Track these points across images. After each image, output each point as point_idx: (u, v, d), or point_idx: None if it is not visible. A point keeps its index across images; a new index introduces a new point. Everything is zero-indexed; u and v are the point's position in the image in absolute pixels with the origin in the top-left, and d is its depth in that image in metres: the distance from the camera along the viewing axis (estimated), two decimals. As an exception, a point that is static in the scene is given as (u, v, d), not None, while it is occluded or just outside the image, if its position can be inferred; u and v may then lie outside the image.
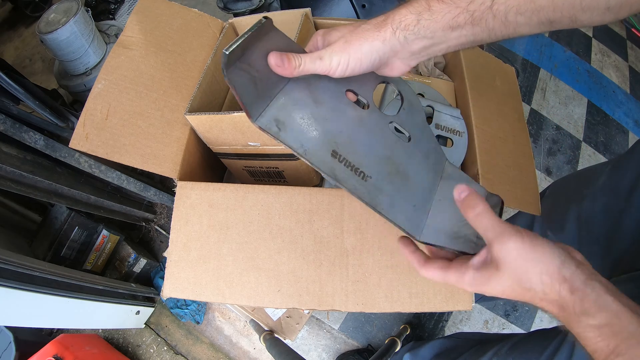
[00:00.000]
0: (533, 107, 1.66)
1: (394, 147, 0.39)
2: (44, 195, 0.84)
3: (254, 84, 0.33)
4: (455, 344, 0.82)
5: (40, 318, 0.78)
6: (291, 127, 0.34)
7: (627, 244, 0.52)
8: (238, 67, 0.32)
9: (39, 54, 1.63)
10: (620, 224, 0.54)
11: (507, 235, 0.29)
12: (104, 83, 0.56)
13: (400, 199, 0.37)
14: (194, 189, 0.52)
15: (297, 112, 0.35)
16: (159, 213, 1.28)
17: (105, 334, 1.14)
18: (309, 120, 0.35)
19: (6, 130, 0.75)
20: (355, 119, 0.38)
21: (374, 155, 0.37)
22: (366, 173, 0.36)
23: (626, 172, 0.54)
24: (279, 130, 0.34)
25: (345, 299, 0.49)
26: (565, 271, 0.28)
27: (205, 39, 0.64)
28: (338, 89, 0.38)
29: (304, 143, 0.34)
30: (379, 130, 0.39)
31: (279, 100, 0.34)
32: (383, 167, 0.37)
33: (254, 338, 1.14)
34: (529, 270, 0.29)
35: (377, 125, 0.39)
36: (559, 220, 0.66)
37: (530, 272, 0.29)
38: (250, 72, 0.32)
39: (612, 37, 2.04)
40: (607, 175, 0.59)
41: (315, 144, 0.35)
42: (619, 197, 0.54)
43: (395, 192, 0.37)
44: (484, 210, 0.31)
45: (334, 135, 0.36)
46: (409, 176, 0.38)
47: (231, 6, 1.12)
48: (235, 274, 0.50)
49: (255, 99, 0.33)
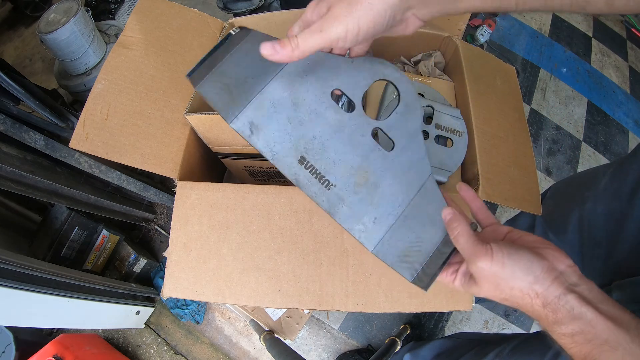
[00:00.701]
0: (533, 107, 1.66)
1: (370, 156, 0.37)
2: (44, 195, 0.84)
3: (229, 91, 0.34)
4: (455, 344, 0.81)
5: (40, 318, 0.78)
6: (264, 131, 0.35)
7: (629, 247, 0.52)
8: (209, 80, 0.33)
9: (39, 54, 1.63)
10: (622, 227, 0.53)
11: (478, 256, 0.32)
12: (104, 83, 0.56)
13: (361, 211, 0.37)
14: (194, 189, 0.52)
15: (273, 115, 0.35)
16: (159, 213, 1.28)
17: (105, 334, 1.14)
18: (284, 124, 0.35)
19: (6, 130, 0.75)
20: (334, 123, 0.37)
21: (345, 163, 0.37)
22: (331, 181, 0.36)
23: (628, 175, 0.54)
24: (252, 133, 0.35)
25: (345, 299, 0.49)
26: (538, 287, 0.30)
27: (205, 39, 0.64)
28: (323, 88, 0.36)
29: (273, 148, 0.35)
30: (358, 136, 0.37)
31: (255, 103, 0.35)
32: (351, 177, 0.37)
33: (254, 338, 1.14)
34: (501, 285, 0.32)
35: (358, 131, 0.37)
36: (560, 222, 0.66)
37: (502, 286, 0.32)
38: (222, 81, 0.34)
39: (612, 37, 2.04)
40: (609, 177, 0.59)
41: (284, 149, 0.35)
42: (621, 200, 0.54)
43: (357, 203, 0.37)
44: (462, 232, 0.34)
45: (307, 141, 0.36)
46: (378, 188, 0.37)
47: (231, 6, 1.12)
48: (235, 273, 0.50)
49: (230, 104, 0.34)
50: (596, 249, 0.59)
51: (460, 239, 0.34)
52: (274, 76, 0.35)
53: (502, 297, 0.32)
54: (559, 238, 0.66)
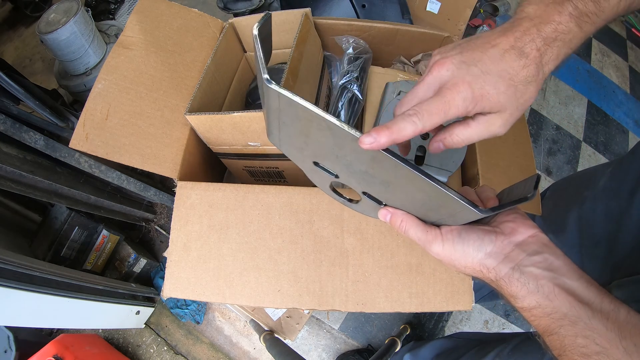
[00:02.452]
0: (533, 107, 1.66)
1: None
2: (44, 195, 0.84)
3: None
4: (455, 344, 0.81)
5: (40, 318, 0.78)
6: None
7: (628, 247, 0.52)
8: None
9: (39, 54, 1.63)
10: (621, 226, 0.53)
11: (430, 242, 0.34)
12: (104, 83, 0.56)
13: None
14: (194, 189, 0.52)
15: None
16: (159, 213, 1.28)
17: (105, 334, 1.14)
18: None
19: (6, 130, 0.75)
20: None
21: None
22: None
23: (627, 174, 0.54)
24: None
25: (345, 299, 0.49)
26: (490, 263, 0.31)
27: (205, 39, 0.64)
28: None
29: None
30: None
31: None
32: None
33: (254, 338, 1.14)
34: (456, 264, 0.33)
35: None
36: (559, 221, 0.66)
37: (458, 265, 0.33)
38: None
39: (612, 37, 2.04)
40: (608, 177, 0.59)
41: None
42: (621, 199, 0.54)
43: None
44: (408, 224, 0.35)
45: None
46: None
47: (231, 6, 1.12)
48: (236, 273, 0.50)
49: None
50: (595, 248, 0.58)
51: (409, 231, 0.35)
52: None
53: (463, 272, 0.34)
54: (558, 238, 0.66)
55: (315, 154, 0.35)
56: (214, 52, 0.60)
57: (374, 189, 0.35)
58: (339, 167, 0.35)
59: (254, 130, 0.52)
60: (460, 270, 0.34)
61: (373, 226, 0.50)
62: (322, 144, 0.32)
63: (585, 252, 0.60)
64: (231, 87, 0.68)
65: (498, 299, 0.95)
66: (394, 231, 0.49)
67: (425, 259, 0.50)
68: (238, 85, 0.70)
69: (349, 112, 0.58)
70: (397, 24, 0.68)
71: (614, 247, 0.55)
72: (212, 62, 0.59)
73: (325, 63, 0.70)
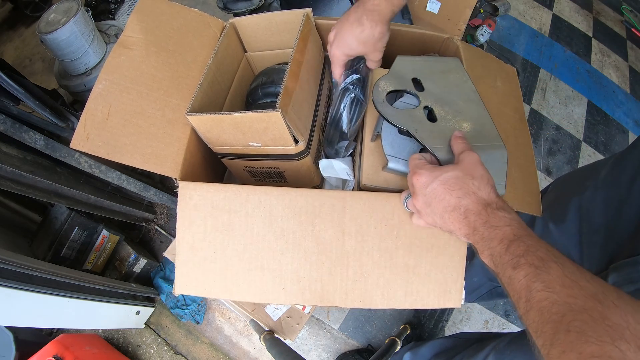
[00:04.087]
0: (533, 107, 1.66)
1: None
2: (44, 195, 0.84)
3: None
4: (455, 343, 0.82)
5: (40, 318, 0.78)
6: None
7: (627, 234, 0.52)
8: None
9: (39, 54, 1.63)
10: (620, 214, 0.54)
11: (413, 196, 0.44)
12: (104, 83, 0.56)
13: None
14: (196, 189, 0.52)
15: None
16: (159, 213, 1.28)
17: (105, 334, 1.14)
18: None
19: (6, 130, 0.75)
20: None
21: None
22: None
23: (627, 164, 0.55)
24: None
25: (345, 296, 0.51)
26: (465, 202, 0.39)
27: (205, 39, 0.64)
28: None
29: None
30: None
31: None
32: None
33: (254, 338, 1.15)
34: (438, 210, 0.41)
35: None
36: (560, 211, 0.66)
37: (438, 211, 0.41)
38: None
39: (612, 37, 2.04)
40: (609, 168, 0.59)
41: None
42: (620, 188, 0.54)
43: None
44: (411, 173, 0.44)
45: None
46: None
47: (231, 6, 1.12)
48: (241, 273, 0.51)
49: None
50: (594, 236, 0.59)
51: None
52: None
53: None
54: (558, 227, 0.66)
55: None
56: (215, 52, 0.60)
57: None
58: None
59: (255, 130, 0.52)
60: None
61: (374, 228, 0.51)
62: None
63: (585, 240, 0.61)
64: (232, 87, 0.68)
65: (497, 298, 0.95)
66: (393, 234, 0.51)
67: (422, 260, 0.51)
68: (239, 86, 0.70)
69: (351, 113, 0.57)
70: (398, 25, 0.68)
71: (613, 235, 0.55)
72: (213, 62, 0.59)
73: (326, 63, 0.69)
